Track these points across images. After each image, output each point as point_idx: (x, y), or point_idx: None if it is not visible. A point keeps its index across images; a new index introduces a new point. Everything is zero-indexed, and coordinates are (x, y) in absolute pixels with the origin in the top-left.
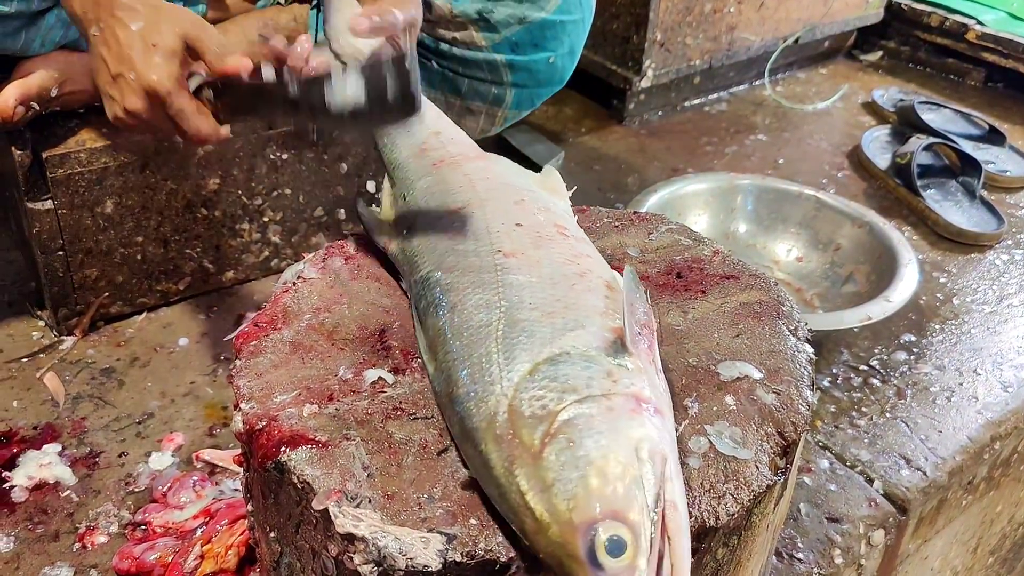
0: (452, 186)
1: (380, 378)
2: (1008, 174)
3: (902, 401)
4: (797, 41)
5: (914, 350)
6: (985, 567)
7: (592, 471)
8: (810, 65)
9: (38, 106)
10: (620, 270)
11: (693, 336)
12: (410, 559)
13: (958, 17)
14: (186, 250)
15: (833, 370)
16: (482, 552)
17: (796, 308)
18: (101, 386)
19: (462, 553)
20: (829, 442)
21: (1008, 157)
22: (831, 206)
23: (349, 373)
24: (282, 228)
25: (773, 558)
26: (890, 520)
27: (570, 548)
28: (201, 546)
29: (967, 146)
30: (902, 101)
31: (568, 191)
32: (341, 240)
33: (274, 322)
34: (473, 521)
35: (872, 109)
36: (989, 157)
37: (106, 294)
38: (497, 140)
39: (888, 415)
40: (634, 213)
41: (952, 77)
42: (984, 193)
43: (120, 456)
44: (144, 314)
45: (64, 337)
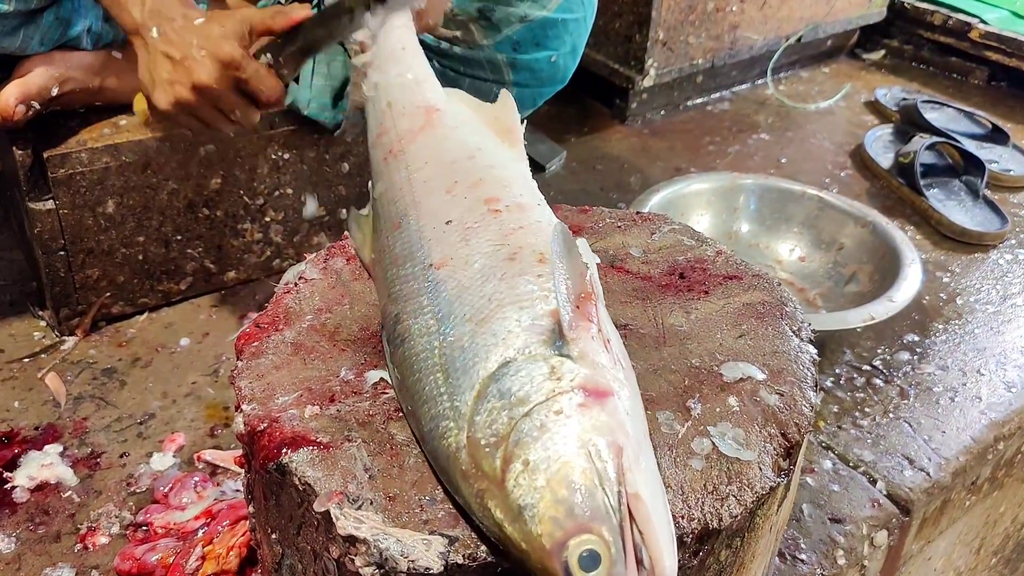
0: (394, 191)
1: (382, 379)
2: (1011, 173)
3: (905, 401)
4: (800, 40)
5: (917, 350)
6: (988, 567)
7: (548, 490)
8: (813, 64)
9: (38, 105)
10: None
11: (696, 337)
12: (412, 561)
13: (961, 16)
14: (188, 250)
15: (836, 370)
16: (484, 554)
17: (799, 308)
18: (103, 386)
19: (464, 555)
20: (832, 442)
21: (1011, 156)
22: (834, 206)
23: (351, 374)
24: (284, 228)
25: (776, 559)
26: (893, 521)
27: (551, 572)
28: (202, 547)
29: (970, 145)
30: (905, 100)
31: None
32: (343, 240)
33: (276, 323)
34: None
35: (875, 108)
36: (992, 156)
37: (108, 294)
38: None
39: (891, 415)
40: (637, 213)
41: (955, 76)
42: (987, 192)
43: (121, 457)
44: (146, 314)
45: (65, 337)
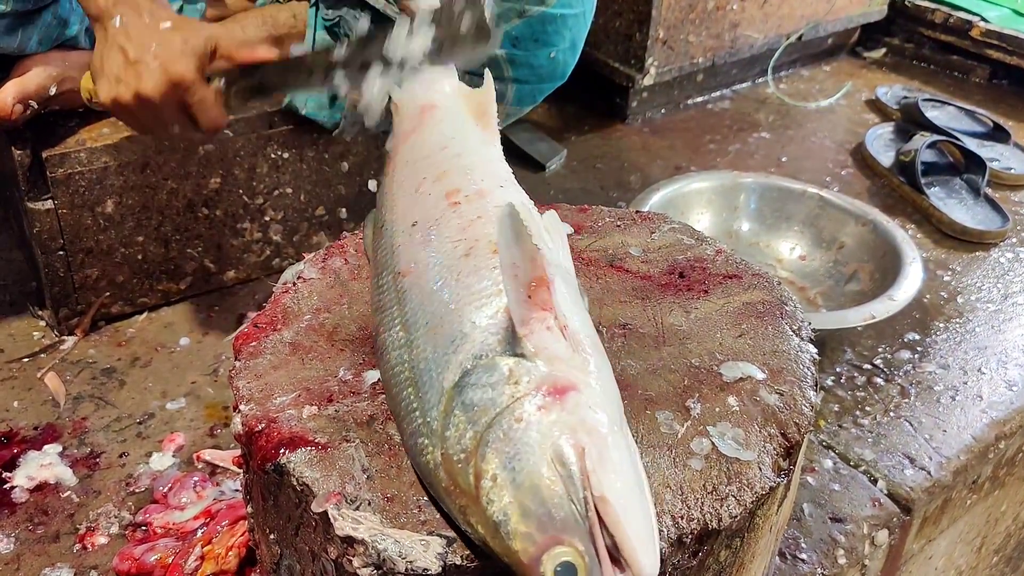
0: (382, 198)
1: (380, 379)
2: (1013, 171)
3: (906, 400)
4: (800, 38)
5: (918, 349)
6: (990, 566)
7: (516, 506)
8: (813, 62)
9: (37, 105)
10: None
11: (695, 336)
12: (410, 562)
13: (962, 14)
14: (187, 249)
15: (837, 369)
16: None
17: (799, 308)
18: (102, 386)
19: (462, 556)
20: (833, 442)
21: (1013, 154)
22: (834, 204)
23: (349, 374)
24: (283, 227)
25: (776, 559)
26: (894, 520)
27: None
28: (201, 547)
29: (971, 143)
30: (906, 98)
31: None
32: (341, 240)
33: (274, 323)
34: None
35: (876, 106)
36: (993, 154)
37: (107, 294)
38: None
39: (892, 414)
40: (636, 212)
41: (956, 74)
42: (988, 191)
43: (121, 456)
44: (145, 314)
45: (65, 337)
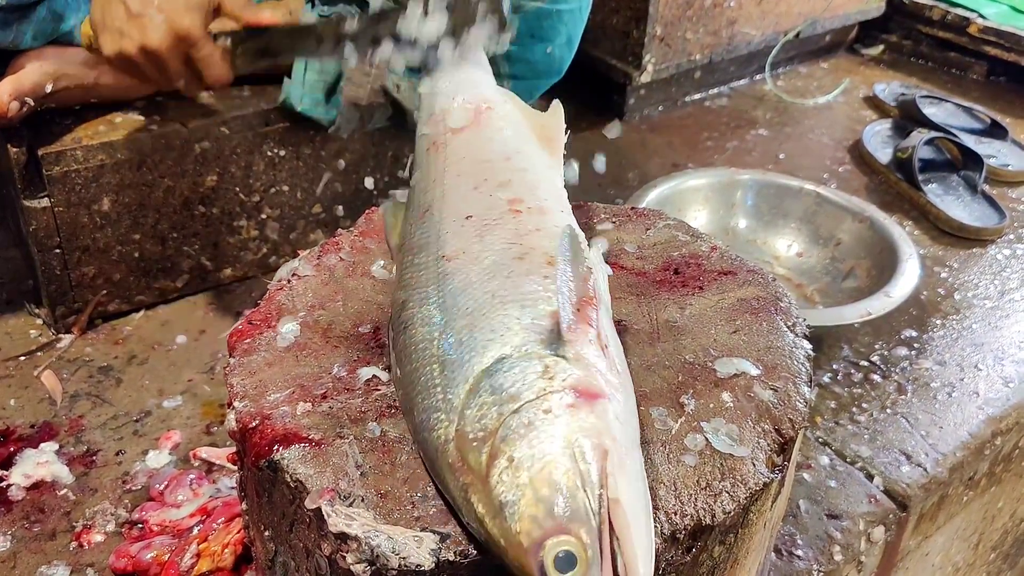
0: (427, 182)
1: (374, 376)
2: (1010, 168)
3: (903, 397)
4: (798, 35)
5: (915, 345)
6: (987, 563)
7: (530, 489)
8: (811, 59)
9: (32, 102)
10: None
11: (690, 332)
12: (403, 558)
13: (960, 11)
14: (184, 247)
15: (833, 366)
16: (475, 551)
17: (794, 304)
18: (99, 384)
19: (455, 552)
20: (829, 438)
21: (1010, 151)
22: (832, 201)
23: (343, 371)
24: (280, 225)
25: (772, 555)
26: (890, 516)
27: (527, 570)
28: (197, 544)
29: (969, 140)
30: (903, 95)
31: (566, 135)
32: (337, 237)
33: (268, 320)
34: None
35: (873, 103)
36: (991, 151)
37: (104, 292)
38: None
39: (889, 411)
40: (632, 209)
41: (954, 71)
42: (986, 187)
43: (117, 454)
44: (142, 312)
45: (62, 335)
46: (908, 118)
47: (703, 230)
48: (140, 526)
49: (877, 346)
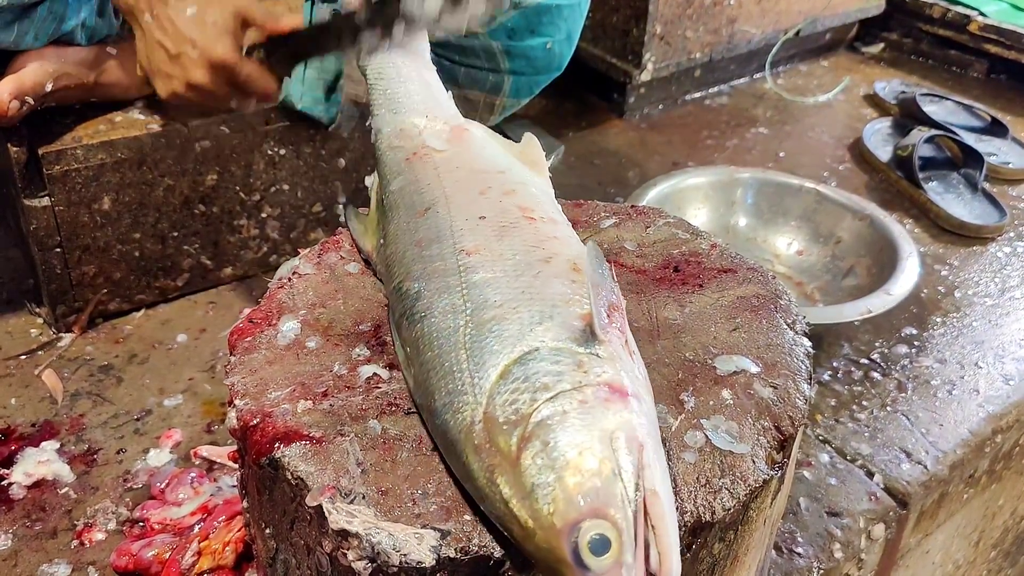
0: (421, 184)
1: (375, 374)
2: (1010, 166)
3: (903, 395)
4: (798, 33)
5: (915, 343)
6: (987, 560)
7: (568, 471)
8: (811, 57)
9: (33, 101)
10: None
11: (690, 330)
12: (404, 555)
13: (960, 8)
14: (184, 246)
15: (834, 364)
16: (476, 548)
17: (794, 301)
18: (99, 383)
19: (456, 549)
20: (829, 436)
21: (1010, 149)
22: (832, 199)
23: (344, 369)
24: (280, 224)
25: (772, 552)
26: (891, 514)
27: (557, 552)
28: (198, 543)
29: (969, 138)
30: (904, 93)
31: (548, 160)
32: (337, 236)
33: (269, 318)
34: (467, 517)
35: (874, 101)
36: (991, 149)
37: (104, 291)
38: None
39: (889, 409)
40: (631, 207)
41: (954, 69)
42: (986, 185)
43: (118, 453)
44: (142, 311)
45: (62, 334)
46: (908, 116)
47: (703, 228)
48: (141, 524)
49: (877, 344)
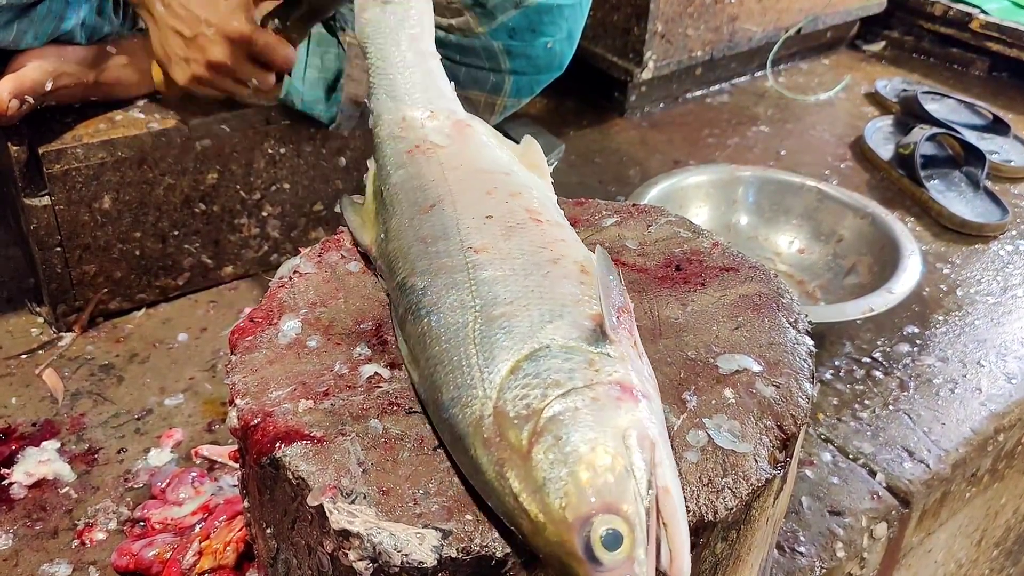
0: (425, 180)
1: (376, 373)
2: (1012, 164)
3: (905, 393)
4: (799, 31)
5: (917, 342)
6: (990, 559)
7: (581, 466)
8: (813, 56)
9: (33, 100)
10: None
11: (692, 329)
12: (405, 555)
13: (962, 6)
14: (185, 245)
15: (835, 362)
16: (478, 548)
17: (796, 300)
18: (100, 382)
19: (458, 549)
20: (831, 435)
21: (1012, 147)
22: (833, 197)
23: (345, 368)
24: (281, 222)
25: (775, 552)
26: (893, 513)
27: (568, 546)
28: (200, 542)
29: (971, 136)
30: (905, 91)
31: (550, 163)
32: (338, 235)
33: (270, 317)
34: (469, 516)
35: (875, 99)
36: (993, 147)
37: (105, 290)
38: None
39: (891, 407)
40: (633, 205)
41: (956, 67)
42: (988, 183)
43: (119, 452)
44: (143, 310)
45: (63, 333)
46: (910, 114)
47: (704, 227)
48: (142, 524)
49: (879, 342)
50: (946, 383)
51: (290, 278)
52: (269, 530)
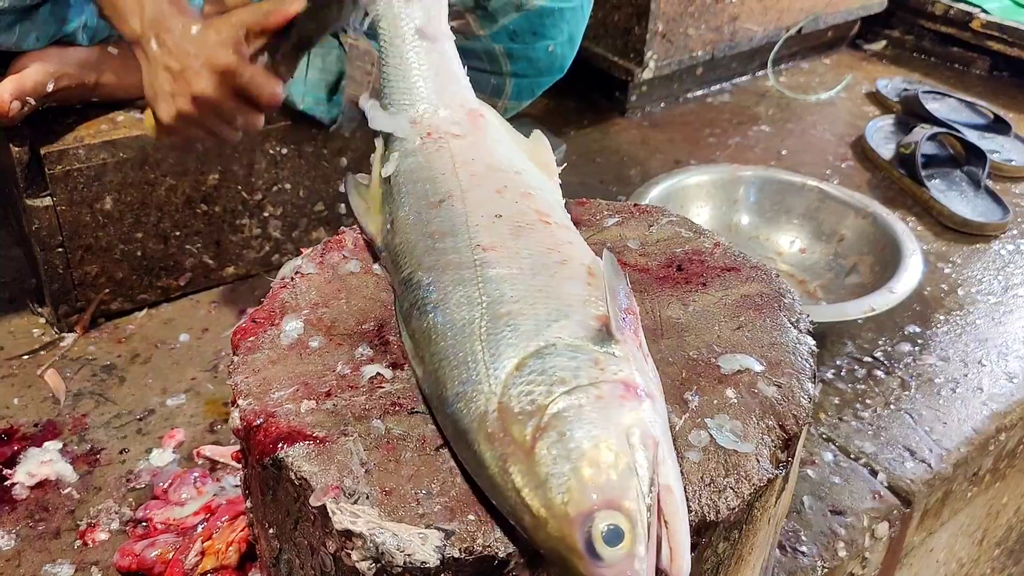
0: (435, 172)
1: (378, 374)
2: (1013, 163)
3: (906, 393)
4: (800, 31)
5: (918, 341)
6: (991, 559)
7: (584, 462)
8: (813, 55)
9: (34, 101)
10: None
11: (694, 329)
12: (408, 555)
13: (962, 5)
14: (186, 246)
15: (837, 362)
16: (480, 548)
17: (797, 300)
18: (102, 383)
19: (460, 549)
20: (833, 434)
21: (1013, 146)
22: (834, 197)
23: (347, 369)
24: (282, 223)
25: (776, 551)
26: (894, 512)
27: (569, 541)
28: (202, 542)
29: (972, 135)
30: (906, 91)
31: (558, 164)
32: (340, 235)
33: (272, 318)
34: (471, 517)
35: (876, 99)
36: (994, 146)
37: (106, 290)
38: None
39: (892, 407)
40: (634, 205)
41: (957, 66)
42: (989, 183)
43: (121, 453)
44: (145, 310)
45: (65, 334)
46: (911, 114)
47: (706, 227)
48: (144, 524)
49: (880, 342)
50: (947, 382)
51: (292, 278)
52: (271, 530)
